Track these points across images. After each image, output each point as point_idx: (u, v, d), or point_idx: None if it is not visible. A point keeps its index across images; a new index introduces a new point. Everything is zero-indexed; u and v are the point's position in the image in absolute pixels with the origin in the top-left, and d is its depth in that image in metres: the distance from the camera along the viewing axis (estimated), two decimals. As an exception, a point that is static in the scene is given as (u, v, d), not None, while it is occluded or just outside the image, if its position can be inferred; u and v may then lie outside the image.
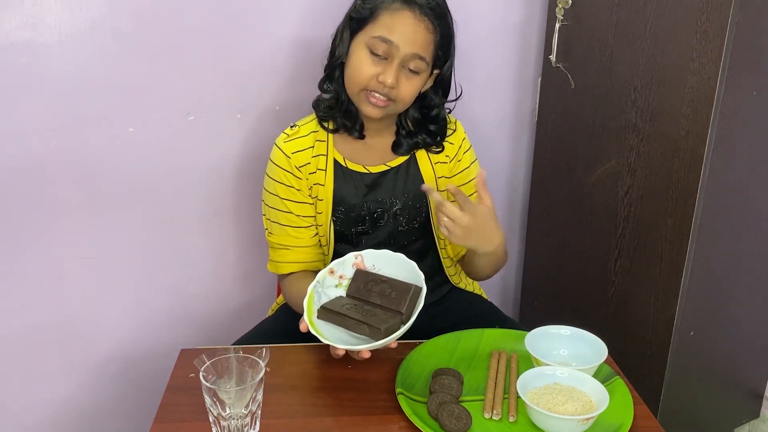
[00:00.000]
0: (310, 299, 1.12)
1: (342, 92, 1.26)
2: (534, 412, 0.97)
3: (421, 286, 1.03)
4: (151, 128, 1.54)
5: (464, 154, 1.35)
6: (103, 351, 1.68)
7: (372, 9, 1.19)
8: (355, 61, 1.21)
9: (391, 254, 1.13)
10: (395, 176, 1.31)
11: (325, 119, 1.29)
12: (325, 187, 1.28)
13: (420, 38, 1.18)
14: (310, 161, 1.27)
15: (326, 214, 1.29)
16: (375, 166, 1.30)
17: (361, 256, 1.16)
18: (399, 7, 1.18)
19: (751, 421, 1.86)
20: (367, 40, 1.19)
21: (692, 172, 1.37)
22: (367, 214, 1.31)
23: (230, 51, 1.54)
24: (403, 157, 1.32)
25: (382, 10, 1.18)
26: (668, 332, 1.48)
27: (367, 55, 1.19)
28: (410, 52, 1.18)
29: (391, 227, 1.32)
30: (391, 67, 1.18)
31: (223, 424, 0.92)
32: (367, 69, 1.19)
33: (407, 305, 1.02)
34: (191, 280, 1.70)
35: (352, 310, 1.06)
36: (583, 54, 1.60)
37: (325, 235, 1.31)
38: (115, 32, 1.45)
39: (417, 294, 1.03)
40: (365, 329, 1.02)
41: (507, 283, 2.05)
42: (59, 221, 1.55)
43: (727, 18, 1.26)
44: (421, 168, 1.32)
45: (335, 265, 1.16)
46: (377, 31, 1.18)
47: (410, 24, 1.17)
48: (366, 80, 1.19)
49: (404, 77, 1.20)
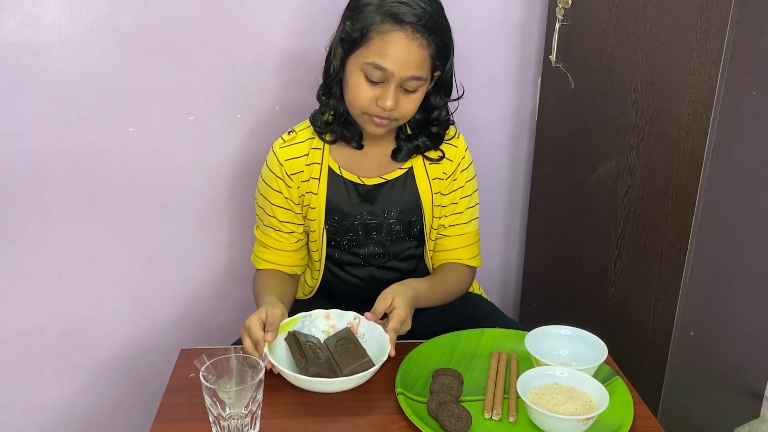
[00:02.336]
0: (292, 321, 1.15)
1: (341, 106, 1.24)
2: (534, 412, 0.97)
3: (375, 364, 1.06)
4: (151, 128, 1.54)
5: (461, 173, 1.33)
6: (103, 351, 1.68)
7: (362, 31, 1.14)
8: (352, 84, 1.18)
9: (380, 331, 1.13)
10: (391, 189, 1.30)
11: (323, 133, 1.28)
12: (318, 195, 1.28)
13: (414, 58, 1.14)
14: (303, 169, 1.27)
15: (319, 221, 1.29)
16: (370, 178, 1.29)
17: (359, 319, 1.17)
18: (389, 29, 1.13)
19: (751, 421, 1.86)
20: (360, 65, 1.16)
21: (692, 172, 1.37)
22: (360, 225, 1.30)
23: (230, 51, 1.54)
24: (400, 171, 1.30)
25: (373, 33, 1.14)
26: (668, 332, 1.48)
27: (363, 80, 1.16)
28: (406, 75, 1.15)
29: (385, 239, 1.32)
30: (388, 90, 1.15)
31: (223, 424, 0.92)
32: (364, 93, 1.16)
33: (349, 369, 1.06)
34: (191, 280, 1.70)
35: (309, 348, 1.09)
36: (583, 54, 1.60)
37: (317, 241, 1.32)
38: (115, 32, 1.45)
39: (365, 366, 1.06)
40: (302, 363, 1.05)
41: (507, 283, 2.05)
42: (59, 221, 1.55)
43: (727, 18, 1.26)
44: (418, 183, 1.30)
45: (334, 315, 1.19)
46: (370, 57, 1.14)
47: (403, 46, 1.13)
48: (365, 105, 1.17)
49: (403, 96, 1.18)
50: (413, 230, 1.33)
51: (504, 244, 1.99)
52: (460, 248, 1.35)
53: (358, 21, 1.15)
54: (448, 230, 1.35)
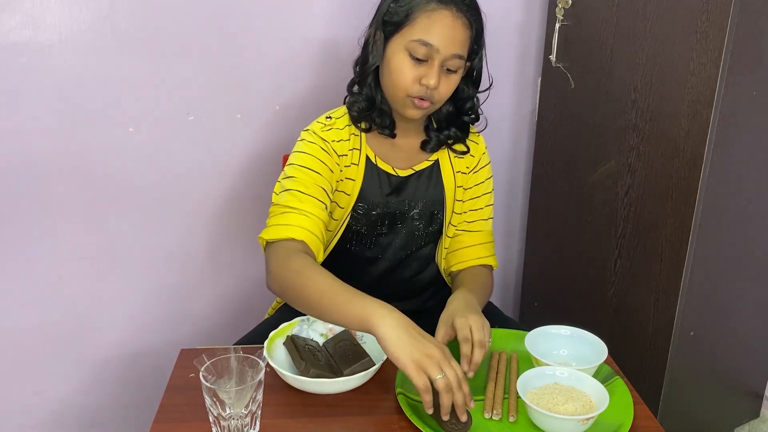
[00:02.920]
0: (290, 325, 1.15)
1: (377, 95, 1.25)
2: (534, 412, 0.97)
3: (375, 363, 1.06)
4: (151, 128, 1.54)
5: (482, 169, 1.36)
6: (103, 351, 1.68)
7: (407, 11, 1.17)
8: (395, 65, 1.19)
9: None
10: (417, 180, 1.31)
11: (358, 120, 1.27)
12: (355, 182, 1.27)
13: (459, 36, 1.17)
14: (347, 153, 1.26)
15: (346, 209, 1.28)
16: (402, 169, 1.30)
17: None
18: (435, 7, 1.16)
19: (751, 421, 1.86)
20: (405, 43, 1.17)
21: (692, 172, 1.37)
22: (387, 215, 1.30)
23: (230, 51, 1.54)
24: (428, 162, 1.31)
25: (418, 12, 1.16)
26: (668, 332, 1.48)
27: (407, 59, 1.17)
28: (451, 53, 1.17)
29: (407, 230, 1.32)
30: (433, 68, 1.17)
31: (223, 424, 0.92)
32: (408, 72, 1.17)
33: (350, 369, 1.05)
34: (191, 280, 1.70)
35: (308, 351, 1.09)
36: (583, 54, 1.60)
37: (332, 231, 1.30)
38: (115, 32, 1.45)
39: (365, 365, 1.06)
40: (302, 365, 1.05)
41: (507, 283, 2.05)
42: (59, 221, 1.55)
43: (727, 18, 1.26)
44: (444, 176, 1.32)
45: None
46: (416, 35, 1.16)
47: (449, 24, 1.16)
48: (409, 84, 1.18)
49: (444, 77, 1.19)
50: (433, 224, 1.33)
51: (504, 244, 1.99)
52: (478, 245, 1.36)
53: (402, 2, 1.18)
54: (469, 225, 1.36)
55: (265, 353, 1.04)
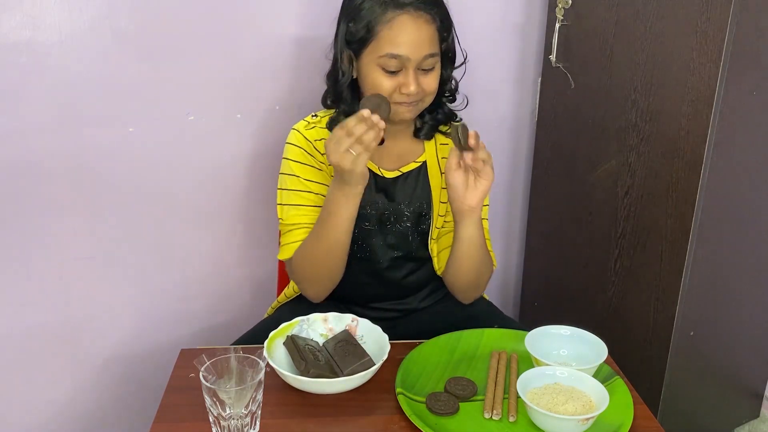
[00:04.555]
0: (290, 326, 1.15)
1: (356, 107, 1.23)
2: (534, 412, 0.97)
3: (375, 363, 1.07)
4: (151, 128, 1.54)
5: None
6: (103, 351, 1.68)
7: (367, 27, 1.15)
8: (371, 82, 1.18)
9: (379, 332, 1.14)
10: (404, 182, 1.31)
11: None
12: None
13: (425, 36, 1.16)
14: None
15: None
16: (389, 170, 1.30)
17: (357, 321, 1.17)
18: (393, 15, 1.14)
19: (751, 421, 1.86)
20: (375, 60, 1.16)
21: (692, 172, 1.37)
22: (374, 216, 1.30)
23: (230, 51, 1.54)
24: (415, 164, 1.31)
25: (378, 25, 1.14)
26: (668, 332, 1.48)
27: (381, 74, 1.17)
28: (422, 55, 1.16)
29: (397, 231, 1.32)
30: (408, 76, 1.16)
31: (223, 424, 0.92)
32: (387, 85, 1.17)
33: (350, 369, 1.06)
34: (191, 280, 1.70)
35: (308, 351, 1.09)
36: (583, 54, 1.60)
37: None
38: (115, 32, 1.45)
39: (366, 365, 1.06)
40: (302, 365, 1.05)
41: (507, 283, 2.05)
42: (59, 221, 1.55)
43: (727, 18, 1.26)
44: (431, 178, 1.32)
45: (331, 318, 1.18)
46: (383, 49, 1.15)
47: (411, 28, 1.14)
48: (391, 95, 1.18)
49: (422, 77, 1.19)
50: (422, 225, 1.33)
51: (504, 244, 1.99)
52: None
53: (359, 19, 1.16)
54: None
55: (265, 353, 1.04)
